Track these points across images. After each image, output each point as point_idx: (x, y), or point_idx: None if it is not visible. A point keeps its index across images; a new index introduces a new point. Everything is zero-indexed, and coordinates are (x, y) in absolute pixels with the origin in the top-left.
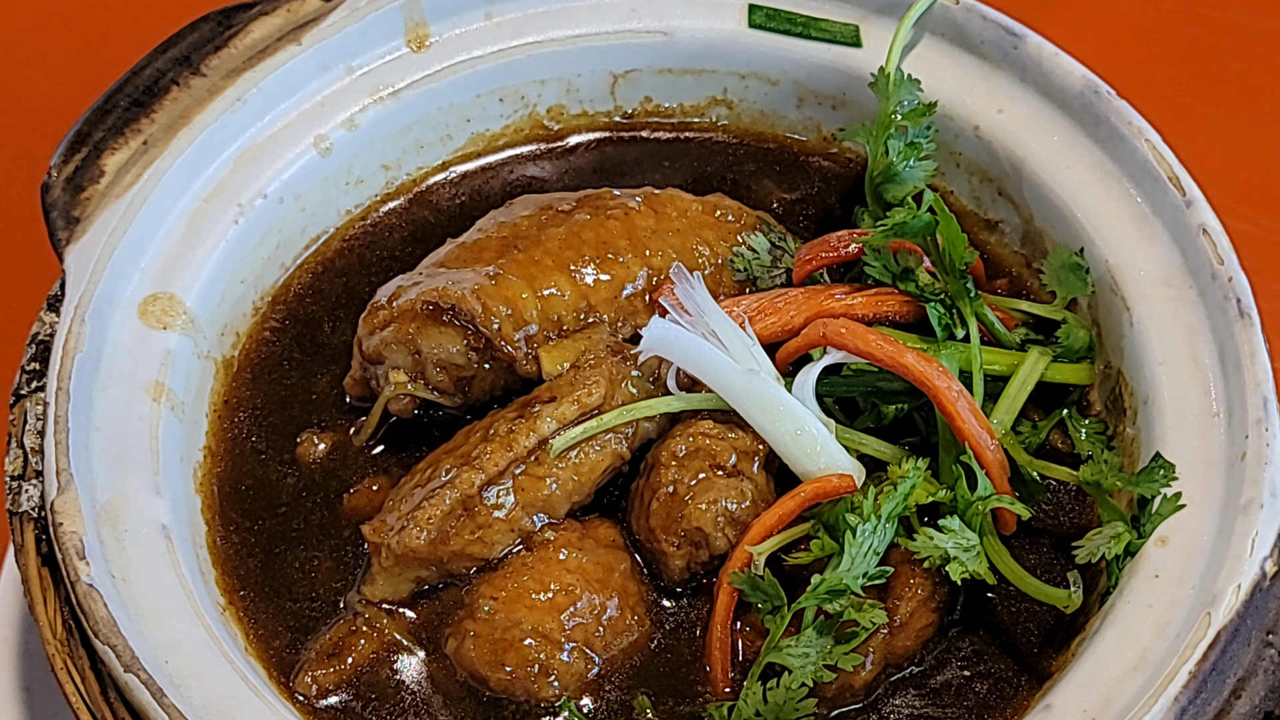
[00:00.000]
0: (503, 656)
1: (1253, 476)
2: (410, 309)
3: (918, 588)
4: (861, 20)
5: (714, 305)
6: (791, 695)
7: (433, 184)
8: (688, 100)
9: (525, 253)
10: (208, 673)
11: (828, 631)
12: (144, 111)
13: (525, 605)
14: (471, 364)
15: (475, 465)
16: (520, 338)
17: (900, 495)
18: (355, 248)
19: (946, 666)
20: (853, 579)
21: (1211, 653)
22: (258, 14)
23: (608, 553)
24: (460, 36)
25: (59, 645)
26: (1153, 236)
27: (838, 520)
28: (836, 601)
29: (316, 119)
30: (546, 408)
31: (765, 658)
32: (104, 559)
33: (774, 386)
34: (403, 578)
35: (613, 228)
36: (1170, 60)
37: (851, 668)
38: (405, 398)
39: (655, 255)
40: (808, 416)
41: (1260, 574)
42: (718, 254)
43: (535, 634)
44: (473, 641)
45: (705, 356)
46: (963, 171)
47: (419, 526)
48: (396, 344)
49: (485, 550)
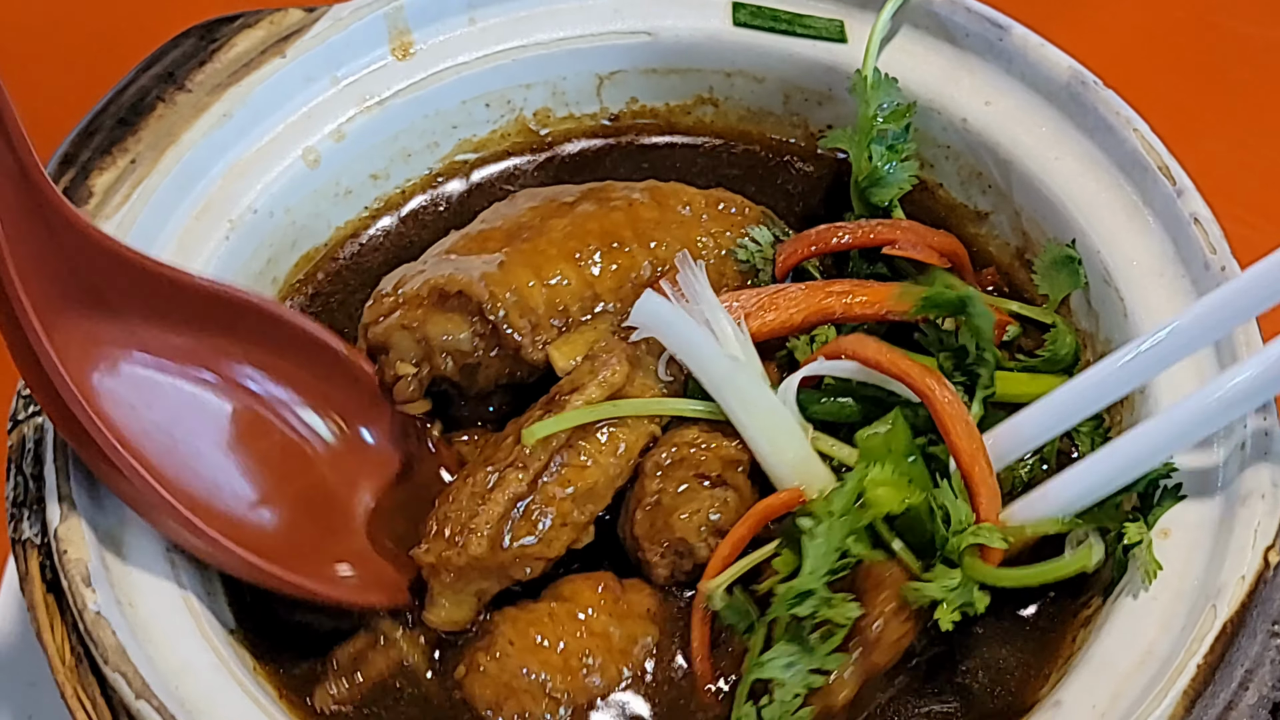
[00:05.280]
0: (502, 700)
1: (1253, 467)
2: (416, 295)
3: (888, 601)
4: (846, 16)
5: (712, 295)
6: (786, 708)
7: (421, 192)
8: (674, 100)
9: (530, 242)
10: (219, 696)
11: (803, 636)
12: (130, 130)
13: (539, 658)
14: (477, 351)
15: (518, 464)
16: (526, 324)
17: (848, 490)
18: (347, 259)
19: (947, 664)
20: (817, 579)
21: (1219, 645)
22: (240, 27)
23: (637, 624)
24: (444, 43)
25: (68, 673)
26: (1144, 226)
27: (793, 529)
28: (806, 603)
29: (304, 131)
30: (572, 398)
31: (749, 676)
32: (110, 585)
33: (757, 381)
34: (465, 593)
35: (617, 219)
36: (1178, 69)
37: (837, 666)
38: (411, 385)
39: (660, 246)
40: (785, 416)
41: (1264, 565)
42: (721, 246)
43: (539, 689)
44: (479, 678)
45: (693, 339)
46: (951, 164)
47: (477, 534)
48: (402, 330)
49: (545, 549)
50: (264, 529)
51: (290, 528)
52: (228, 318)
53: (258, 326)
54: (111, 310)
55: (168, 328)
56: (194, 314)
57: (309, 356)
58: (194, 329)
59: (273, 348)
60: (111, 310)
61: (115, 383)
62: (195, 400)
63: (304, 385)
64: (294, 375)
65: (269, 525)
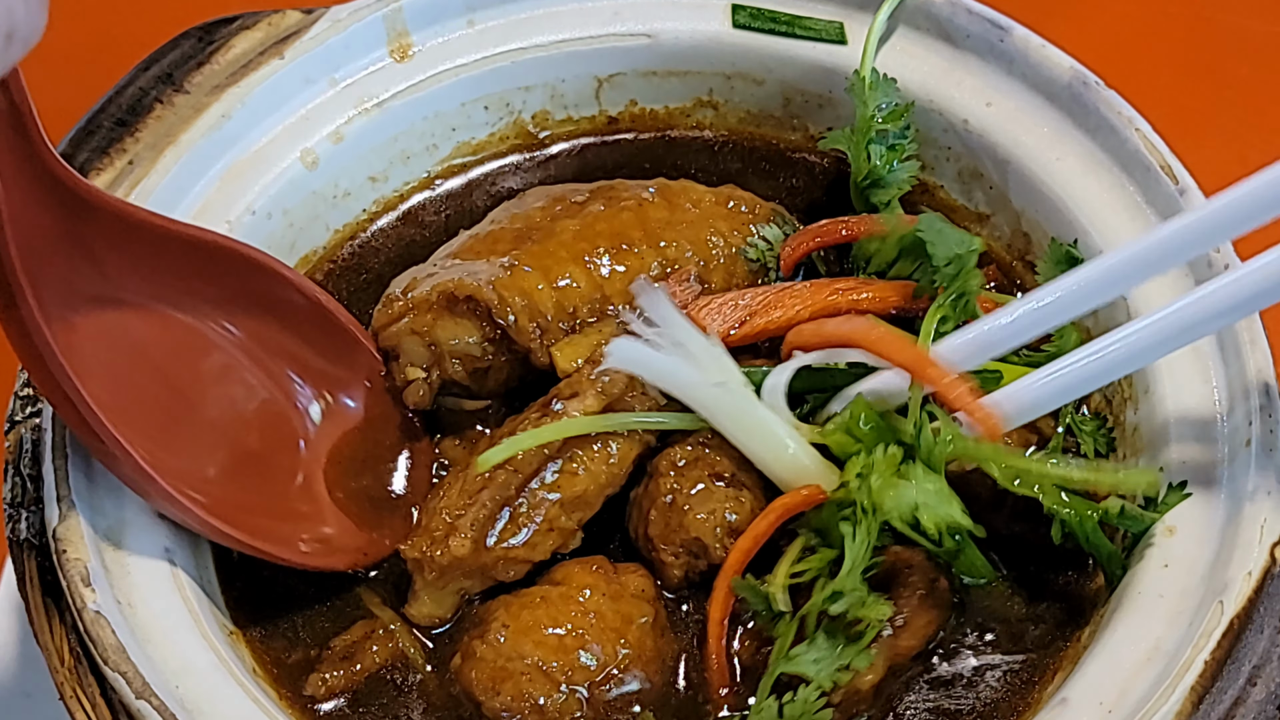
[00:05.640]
0: (500, 685)
1: (1258, 463)
2: (426, 300)
3: (916, 586)
4: (846, 17)
5: (677, 316)
6: (809, 707)
7: (420, 195)
8: (673, 102)
9: (539, 244)
10: (219, 696)
11: (837, 633)
12: (128, 131)
13: (534, 640)
14: (487, 355)
15: (509, 466)
16: (536, 329)
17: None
18: (345, 262)
19: (955, 660)
20: (855, 578)
21: (1226, 641)
22: (239, 29)
23: (632, 603)
24: (443, 45)
25: (67, 673)
26: (1146, 225)
27: (828, 525)
28: (841, 601)
29: (302, 133)
30: (570, 403)
31: (775, 669)
32: (109, 585)
33: (744, 398)
34: (447, 591)
35: (626, 219)
36: (1176, 65)
37: (866, 665)
38: (422, 389)
39: (669, 246)
40: (779, 425)
41: (1270, 560)
42: (731, 244)
43: (535, 669)
44: (475, 664)
45: (672, 373)
46: (952, 166)
47: (461, 534)
48: (412, 335)
49: (530, 553)
50: (229, 486)
51: (257, 486)
52: (215, 266)
53: (235, 269)
54: (95, 259)
55: (155, 277)
56: (181, 262)
57: (300, 316)
58: (180, 276)
59: (262, 302)
60: (95, 259)
61: (93, 334)
62: (174, 351)
63: (291, 347)
64: (285, 339)
65: (234, 482)
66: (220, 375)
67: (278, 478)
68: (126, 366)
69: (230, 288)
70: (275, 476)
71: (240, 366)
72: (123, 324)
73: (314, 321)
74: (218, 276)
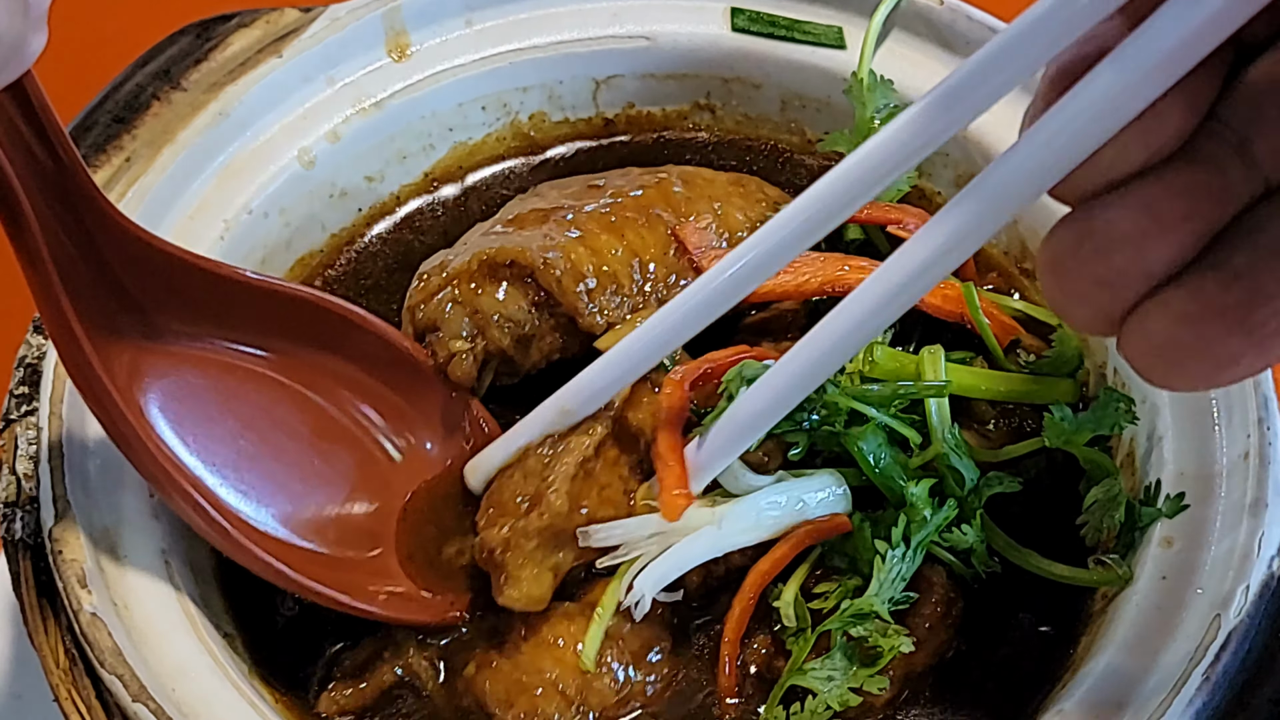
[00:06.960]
0: (514, 698)
1: (1257, 475)
2: (466, 270)
3: (937, 606)
4: (845, 22)
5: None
6: (816, 718)
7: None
8: (671, 105)
9: (571, 219)
10: (216, 699)
11: (854, 655)
12: (125, 127)
13: (553, 656)
14: (533, 320)
15: (581, 431)
16: (582, 289)
17: (933, 526)
18: (341, 261)
19: (955, 670)
20: (880, 604)
21: (1224, 655)
22: (236, 26)
23: (650, 628)
24: (441, 45)
25: (62, 675)
26: None
27: (858, 550)
28: (863, 625)
29: (299, 132)
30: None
31: (788, 679)
32: (105, 586)
33: (716, 522)
34: (545, 565)
35: (649, 195)
36: None
37: (878, 690)
38: (467, 359)
39: (697, 218)
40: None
41: (1269, 574)
42: (750, 219)
43: (550, 686)
44: (491, 674)
45: (678, 562)
46: (949, 171)
47: (555, 493)
48: (454, 305)
49: (614, 511)
50: (313, 538)
51: (340, 537)
52: (294, 319)
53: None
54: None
55: (228, 331)
56: (257, 315)
57: (378, 360)
58: (256, 329)
59: (339, 349)
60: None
61: (169, 393)
62: (254, 403)
63: (374, 392)
64: (362, 380)
65: (318, 534)
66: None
67: (359, 526)
68: (203, 418)
69: (303, 334)
70: (358, 524)
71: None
72: (197, 372)
73: (392, 363)
74: (289, 322)
